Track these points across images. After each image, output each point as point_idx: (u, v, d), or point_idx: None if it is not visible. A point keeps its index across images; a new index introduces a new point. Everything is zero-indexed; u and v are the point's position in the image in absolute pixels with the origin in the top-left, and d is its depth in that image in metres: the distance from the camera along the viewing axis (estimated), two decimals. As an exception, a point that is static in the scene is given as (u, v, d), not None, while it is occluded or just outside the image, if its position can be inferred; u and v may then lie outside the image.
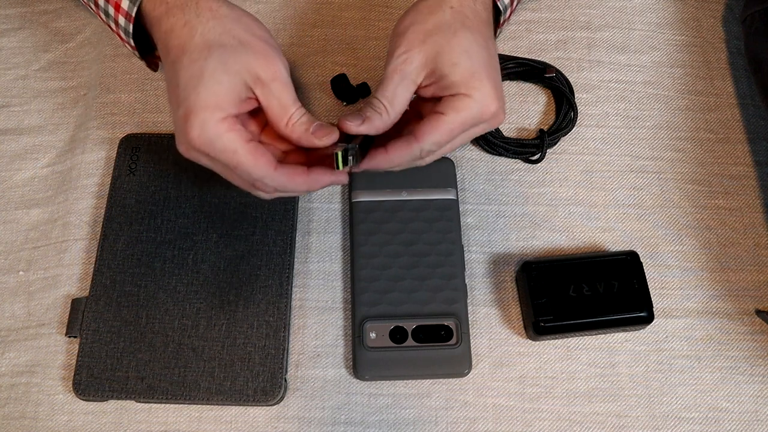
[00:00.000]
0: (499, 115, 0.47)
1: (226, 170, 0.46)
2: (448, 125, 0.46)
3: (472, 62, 0.46)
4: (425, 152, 0.47)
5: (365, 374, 0.51)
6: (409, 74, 0.46)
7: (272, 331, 0.52)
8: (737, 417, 0.51)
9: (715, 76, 0.63)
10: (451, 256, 0.54)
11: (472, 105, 0.45)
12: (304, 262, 0.56)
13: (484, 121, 0.47)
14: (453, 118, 0.46)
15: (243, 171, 0.44)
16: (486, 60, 0.46)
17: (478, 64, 0.46)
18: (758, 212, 0.58)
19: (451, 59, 0.46)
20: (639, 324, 0.52)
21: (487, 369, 0.52)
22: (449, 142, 0.47)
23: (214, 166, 0.46)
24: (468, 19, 0.47)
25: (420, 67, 0.46)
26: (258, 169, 0.44)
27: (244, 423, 0.51)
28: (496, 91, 0.46)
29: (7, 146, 0.60)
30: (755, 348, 0.54)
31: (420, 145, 0.46)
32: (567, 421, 0.51)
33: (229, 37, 0.44)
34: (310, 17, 0.65)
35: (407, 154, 0.47)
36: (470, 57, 0.46)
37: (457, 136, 0.47)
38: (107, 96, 0.61)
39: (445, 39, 0.46)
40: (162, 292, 0.53)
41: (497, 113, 0.47)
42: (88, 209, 0.57)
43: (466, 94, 0.45)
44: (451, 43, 0.46)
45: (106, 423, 0.50)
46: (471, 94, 0.45)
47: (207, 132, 0.43)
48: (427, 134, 0.46)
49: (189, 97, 0.43)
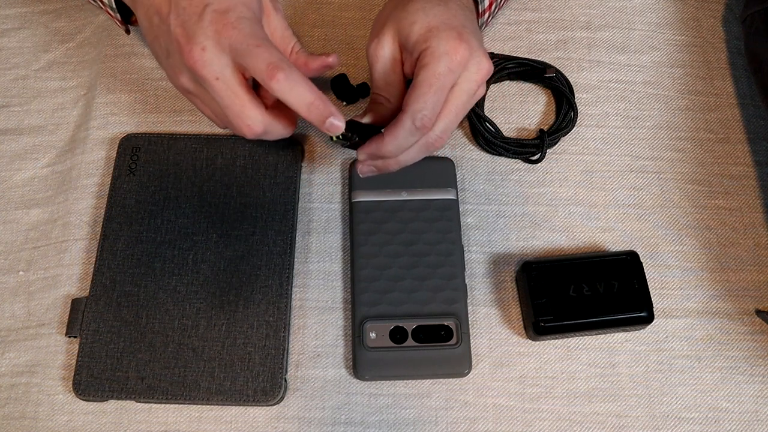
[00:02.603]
0: (477, 62, 0.46)
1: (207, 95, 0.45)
2: (422, 84, 0.45)
3: (428, 18, 0.46)
4: (419, 123, 0.45)
5: (365, 374, 0.51)
6: (383, 55, 0.48)
7: (272, 331, 0.52)
8: (737, 417, 0.51)
9: (715, 76, 0.63)
10: (451, 256, 0.54)
11: (435, 55, 0.45)
12: (304, 262, 0.56)
13: (457, 71, 0.45)
14: (424, 75, 0.45)
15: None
16: (444, 14, 0.46)
17: (435, 18, 0.46)
18: (758, 212, 0.58)
19: (409, 21, 0.47)
20: (639, 324, 0.52)
21: (487, 369, 0.52)
22: (435, 104, 0.45)
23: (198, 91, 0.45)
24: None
25: (390, 44, 0.48)
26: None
27: (244, 423, 0.51)
28: (459, 38, 0.45)
29: (7, 146, 0.60)
30: (755, 348, 0.54)
31: (407, 115, 0.45)
32: (567, 421, 0.51)
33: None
34: (310, 17, 0.65)
35: (400, 129, 0.46)
36: (426, 13, 0.46)
37: (439, 93, 0.45)
38: (107, 96, 0.61)
39: (402, 8, 0.48)
40: (162, 292, 0.53)
41: (469, 59, 0.45)
42: (88, 209, 0.57)
43: (427, 47, 0.45)
44: (407, 8, 0.47)
45: (106, 423, 0.50)
46: (430, 44, 0.45)
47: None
48: (409, 101, 0.45)
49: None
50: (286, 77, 0.41)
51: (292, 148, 0.58)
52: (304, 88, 0.42)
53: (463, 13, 0.48)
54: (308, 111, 0.43)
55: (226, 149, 0.58)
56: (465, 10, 0.49)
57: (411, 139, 0.46)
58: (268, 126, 0.45)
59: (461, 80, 0.46)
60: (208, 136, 0.58)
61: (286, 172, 0.57)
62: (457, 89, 0.46)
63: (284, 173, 0.57)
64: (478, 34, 0.48)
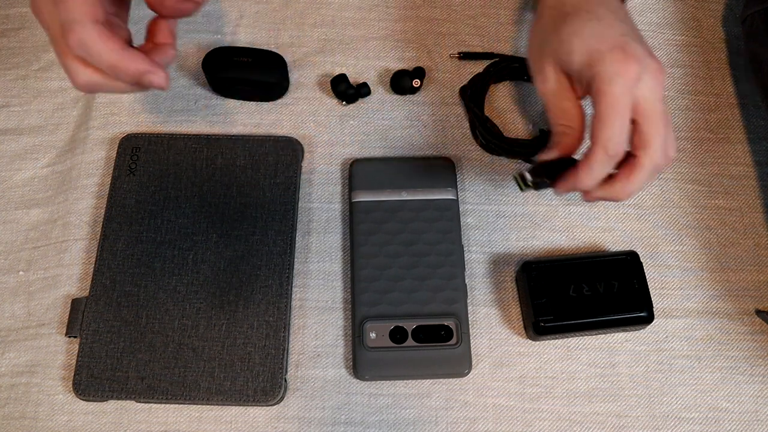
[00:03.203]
0: (650, 70, 0.43)
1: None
2: (604, 113, 0.43)
3: (584, 42, 0.45)
4: (612, 151, 0.44)
5: (365, 374, 0.51)
6: (552, 89, 0.47)
7: (272, 331, 0.52)
8: (737, 417, 0.51)
9: (715, 76, 0.63)
10: (451, 256, 0.54)
11: (606, 80, 0.43)
12: (304, 262, 0.56)
13: (633, 87, 0.43)
14: (603, 104, 0.43)
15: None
16: (598, 29, 0.45)
17: (591, 39, 0.44)
18: (758, 212, 0.58)
19: (565, 51, 0.45)
20: (639, 324, 0.52)
21: (487, 369, 0.52)
22: (621, 128, 0.43)
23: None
24: (565, 6, 0.47)
25: (554, 76, 0.47)
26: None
27: (244, 423, 0.51)
28: (624, 53, 0.43)
29: (7, 146, 0.60)
30: (755, 348, 0.54)
31: (598, 147, 0.44)
32: (567, 421, 0.51)
33: None
34: (310, 17, 0.65)
35: (595, 162, 0.44)
36: (581, 37, 0.45)
37: (622, 118, 0.43)
38: (107, 96, 0.61)
39: (555, 35, 0.46)
40: (162, 292, 0.53)
41: (641, 71, 0.43)
42: (88, 209, 0.57)
43: (595, 73, 0.44)
44: (560, 35, 0.46)
45: (106, 423, 0.50)
46: (597, 70, 0.43)
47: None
48: (596, 132, 0.44)
49: None
50: (78, 41, 0.41)
51: (292, 148, 0.58)
52: (101, 48, 0.41)
53: (615, 17, 0.46)
54: (113, 73, 0.42)
55: (226, 149, 0.58)
56: (616, 12, 0.47)
57: (607, 168, 0.45)
58: (90, 79, 0.44)
59: (642, 93, 0.44)
60: (208, 136, 0.58)
61: (286, 172, 0.57)
62: (645, 104, 0.44)
63: (284, 173, 0.57)
64: (636, 33, 0.46)
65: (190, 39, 0.64)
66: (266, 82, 0.59)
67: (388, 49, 0.64)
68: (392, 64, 0.63)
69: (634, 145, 0.45)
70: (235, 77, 0.59)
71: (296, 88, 0.62)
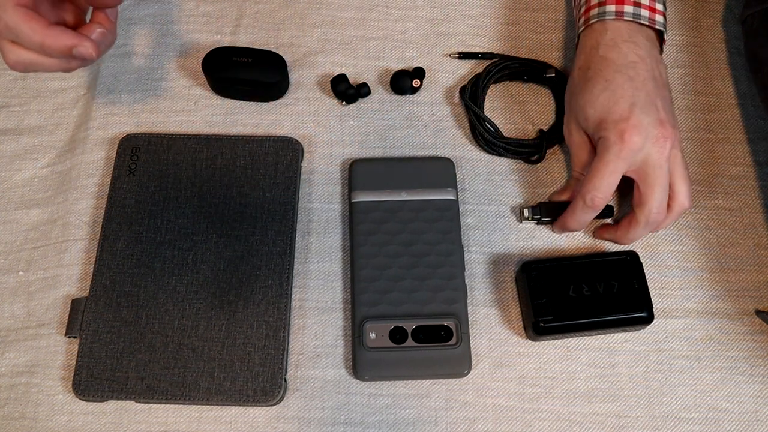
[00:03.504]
0: (654, 138, 0.49)
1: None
2: (592, 170, 0.51)
3: (596, 112, 0.51)
4: (590, 202, 0.51)
5: (365, 374, 0.51)
6: (575, 141, 0.55)
7: (272, 331, 0.52)
8: (737, 417, 0.51)
9: (715, 76, 0.63)
10: (451, 257, 0.54)
11: (605, 145, 0.50)
12: (303, 263, 0.56)
13: (630, 155, 0.49)
14: (595, 163, 0.51)
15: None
16: (610, 100, 0.51)
17: (601, 109, 0.51)
18: (758, 212, 0.58)
19: (583, 117, 0.53)
20: (639, 324, 0.52)
21: (486, 369, 0.52)
22: (606, 186, 0.50)
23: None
24: (589, 70, 0.53)
25: (576, 132, 0.54)
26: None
27: (243, 423, 0.51)
28: (626, 123, 0.49)
29: (7, 146, 0.60)
30: (755, 348, 0.54)
31: (579, 196, 0.51)
32: (567, 421, 0.51)
33: None
34: (310, 17, 0.65)
35: (576, 208, 0.52)
36: (593, 106, 0.52)
37: (610, 177, 0.50)
38: (107, 96, 0.61)
39: (577, 97, 0.54)
40: (162, 293, 0.53)
41: (644, 141, 0.49)
42: (87, 209, 0.57)
43: (599, 137, 0.51)
44: (578, 100, 0.53)
45: (106, 423, 0.50)
46: (602, 135, 0.51)
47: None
48: (582, 183, 0.52)
49: None
50: (5, 25, 0.44)
51: (292, 148, 0.58)
52: (27, 30, 0.44)
53: (631, 85, 0.51)
54: (43, 51, 0.45)
55: (226, 149, 0.58)
56: (634, 79, 0.51)
57: (587, 216, 0.52)
58: (20, 58, 0.46)
59: (643, 159, 0.50)
60: (208, 136, 0.58)
61: (286, 172, 0.57)
62: (645, 169, 0.50)
63: (284, 173, 0.57)
64: (650, 98, 0.51)
65: (190, 39, 0.64)
66: (266, 82, 0.59)
67: (388, 49, 0.64)
68: (392, 64, 0.63)
69: (633, 203, 0.52)
70: (235, 77, 0.59)
71: (296, 88, 0.62)
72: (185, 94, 0.62)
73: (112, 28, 0.49)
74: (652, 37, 0.54)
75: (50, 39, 0.44)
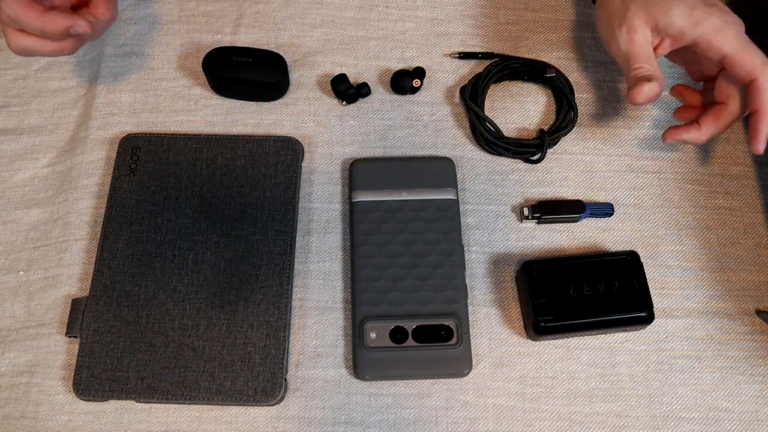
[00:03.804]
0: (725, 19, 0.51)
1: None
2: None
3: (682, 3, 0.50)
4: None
5: (365, 374, 0.51)
6: (638, 38, 0.52)
7: (272, 331, 0.52)
8: (737, 417, 0.51)
9: (715, 76, 0.63)
10: (451, 256, 0.54)
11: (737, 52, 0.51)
12: (304, 262, 0.56)
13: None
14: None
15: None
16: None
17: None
18: (758, 212, 0.58)
19: (662, 9, 0.51)
20: (639, 324, 0.52)
21: (487, 369, 0.53)
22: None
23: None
24: None
25: (645, 30, 0.52)
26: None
27: (244, 423, 0.51)
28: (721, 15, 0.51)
29: (7, 146, 0.60)
30: (755, 348, 0.54)
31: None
32: (567, 421, 0.51)
33: None
34: (310, 17, 0.65)
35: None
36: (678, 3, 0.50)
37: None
38: (107, 96, 0.61)
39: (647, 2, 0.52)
40: (162, 292, 0.53)
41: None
42: (88, 209, 0.57)
43: (708, 40, 0.51)
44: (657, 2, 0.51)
45: (107, 423, 0.50)
46: (711, 40, 0.51)
47: None
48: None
49: None
50: (8, 16, 0.49)
51: (292, 148, 0.58)
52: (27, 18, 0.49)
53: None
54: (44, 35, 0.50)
55: (226, 149, 0.58)
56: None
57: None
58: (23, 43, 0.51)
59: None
60: (208, 136, 0.58)
61: (286, 172, 0.57)
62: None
63: (284, 173, 0.57)
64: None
65: (190, 39, 0.64)
66: (266, 82, 0.59)
67: (388, 49, 0.64)
68: (392, 64, 0.63)
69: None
70: (235, 77, 0.59)
71: (296, 88, 0.62)
72: (185, 94, 0.62)
73: (110, 5, 0.54)
74: None
75: (49, 24, 0.49)
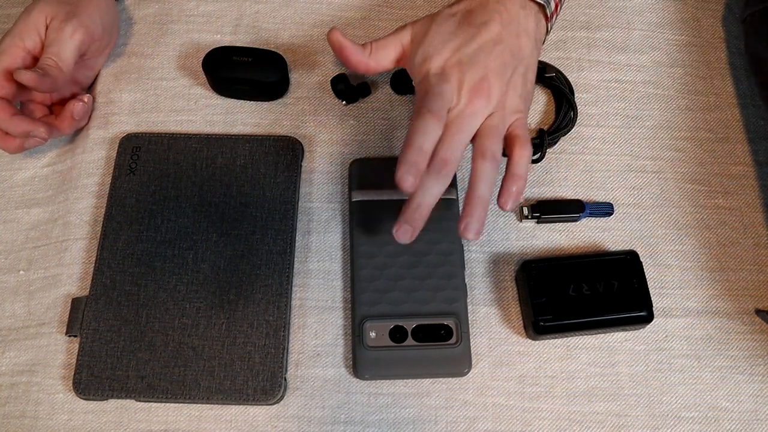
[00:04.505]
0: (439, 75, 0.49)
1: None
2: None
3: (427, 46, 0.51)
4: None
5: (365, 373, 0.51)
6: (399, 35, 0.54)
7: (272, 330, 0.52)
8: (737, 416, 0.51)
9: (715, 76, 0.63)
10: (451, 256, 0.54)
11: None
12: (304, 262, 0.56)
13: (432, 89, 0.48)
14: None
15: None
16: (437, 38, 0.51)
17: (430, 45, 0.51)
18: (758, 212, 0.58)
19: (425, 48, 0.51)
20: (639, 323, 0.52)
21: (486, 368, 0.53)
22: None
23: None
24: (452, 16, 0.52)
25: (407, 35, 0.54)
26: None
27: (244, 422, 0.51)
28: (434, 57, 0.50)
29: (8, 146, 0.60)
30: (755, 348, 0.54)
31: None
32: (567, 420, 0.51)
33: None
34: (310, 17, 0.65)
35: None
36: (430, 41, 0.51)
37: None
38: (107, 96, 0.61)
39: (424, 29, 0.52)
40: (162, 292, 0.53)
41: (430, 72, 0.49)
42: (88, 209, 0.57)
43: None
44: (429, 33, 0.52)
45: (106, 422, 0.50)
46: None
47: None
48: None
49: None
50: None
51: (292, 147, 0.58)
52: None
53: (462, 31, 0.50)
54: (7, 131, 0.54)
55: (226, 149, 0.58)
56: (474, 27, 0.50)
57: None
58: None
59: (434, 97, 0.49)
60: (208, 135, 0.59)
61: (286, 172, 0.57)
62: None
63: (284, 173, 0.57)
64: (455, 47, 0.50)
65: (189, 39, 0.64)
66: (266, 82, 0.59)
67: (388, 49, 0.64)
68: (392, 64, 0.63)
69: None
70: (235, 77, 0.59)
71: (296, 88, 0.62)
72: (185, 93, 0.62)
73: (74, 125, 0.58)
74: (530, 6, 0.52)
75: (13, 126, 0.53)
